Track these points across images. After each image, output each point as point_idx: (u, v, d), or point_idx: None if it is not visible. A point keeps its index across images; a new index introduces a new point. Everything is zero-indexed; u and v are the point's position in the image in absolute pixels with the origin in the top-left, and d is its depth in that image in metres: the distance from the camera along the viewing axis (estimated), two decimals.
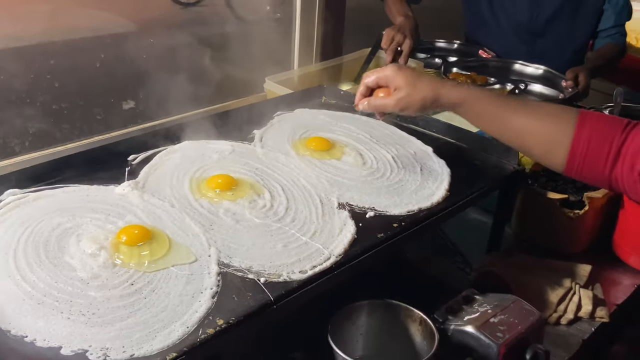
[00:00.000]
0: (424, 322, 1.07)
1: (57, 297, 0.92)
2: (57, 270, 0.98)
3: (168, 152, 1.37)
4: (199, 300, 0.94)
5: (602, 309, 1.33)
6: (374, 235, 1.14)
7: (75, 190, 1.20)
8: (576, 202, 1.49)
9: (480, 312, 1.15)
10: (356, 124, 1.58)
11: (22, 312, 0.89)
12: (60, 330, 0.86)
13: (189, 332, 0.88)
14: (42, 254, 1.01)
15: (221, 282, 0.98)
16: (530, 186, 1.52)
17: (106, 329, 0.87)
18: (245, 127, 1.53)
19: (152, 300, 0.94)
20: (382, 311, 1.11)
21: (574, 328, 1.31)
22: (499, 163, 1.44)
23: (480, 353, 1.09)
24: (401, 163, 1.40)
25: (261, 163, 1.35)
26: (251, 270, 1.01)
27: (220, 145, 1.41)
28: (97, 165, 1.29)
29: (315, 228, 1.14)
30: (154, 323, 0.89)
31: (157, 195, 1.20)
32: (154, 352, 0.84)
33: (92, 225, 1.08)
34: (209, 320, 0.91)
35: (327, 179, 1.30)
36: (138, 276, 0.98)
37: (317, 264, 1.04)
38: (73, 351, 0.83)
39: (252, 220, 1.15)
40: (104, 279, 0.97)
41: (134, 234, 1.05)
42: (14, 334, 0.86)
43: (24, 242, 1.03)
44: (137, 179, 1.25)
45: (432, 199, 1.27)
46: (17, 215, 1.10)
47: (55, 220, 1.09)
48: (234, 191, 1.22)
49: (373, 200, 1.25)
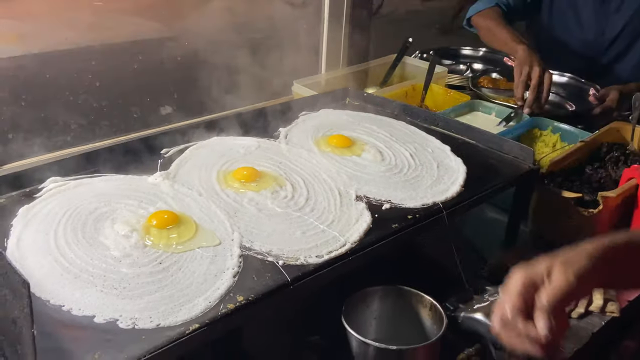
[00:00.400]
0: (434, 308, 1.11)
1: (91, 273, 0.99)
2: (92, 249, 1.05)
3: (198, 146, 1.43)
4: (221, 278, 1.00)
5: (612, 304, 1.34)
6: (389, 225, 1.19)
7: (111, 180, 1.28)
8: (591, 201, 1.50)
9: (490, 301, 1.17)
10: (377, 124, 1.63)
11: (60, 284, 0.96)
12: (94, 301, 0.93)
13: (210, 306, 0.94)
14: (79, 235, 1.08)
15: (242, 264, 1.04)
16: (546, 185, 1.54)
17: (135, 301, 0.94)
18: (271, 126, 1.59)
19: (178, 278, 1.00)
20: (394, 296, 1.14)
21: (585, 322, 1.32)
22: (514, 162, 1.47)
23: (488, 339, 1.12)
24: (419, 160, 1.44)
25: (285, 158, 1.41)
26: (271, 254, 1.07)
27: (247, 141, 1.48)
28: (132, 158, 1.36)
29: (333, 217, 1.19)
30: (179, 297, 0.95)
31: (187, 185, 1.26)
32: (178, 323, 0.90)
33: (126, 210, 1.16)
34: (230, 296, 0.96)
35: (346, 174, 1.35)
36: (166, 256, 1.04)
37: (333, 249, 1.09)
38: (105, 319, 0.90)
39: (274, 209, 1.20)
40: (135, 257, 1.03)
41: (164, 218, 1.11)
42: (53, 304, 0.93)
43: (63, 224, 1.10)
44: (169, 170, 1.32)
45: (446, 193, 1.31)
46: (58, 200, 1.18)
47: (92, 205, 1.16)
48: (258, 183, 1.27)
49: (390, 194, 1.29)
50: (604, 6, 2.36)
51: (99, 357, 0.83)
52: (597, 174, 1.65)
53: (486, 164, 1.47)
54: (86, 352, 0.84)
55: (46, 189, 1.22)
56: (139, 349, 0.85)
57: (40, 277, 0.97)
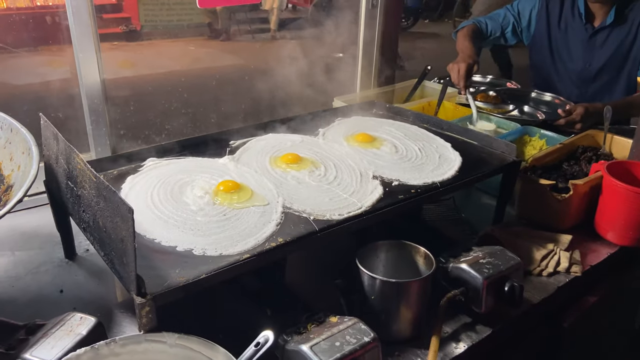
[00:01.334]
0: (427, 256, 1.19)
1: (176, 220, 1.14)
2: (177, 205, 1.20)
3: (258, 139, 1.57)
4: (267, 226, 1.13)
5: (576, 266, 1.40)
6: (396, 196, 1.29)
7: (192, 160, 1.43)
8: (563, 187, 1.55)
9: (473, 256, 1.26)
10: (395, 127, 1.73)
11: (154, 226, 1.11)
12: (177, 237, 1.08)
13: (258, 243, 1.07)
14: (168, 195, 1.23)
15: (284, 218, 1.17)
16: (528, 176, 1.60)
17: (205, 239, 1.08)
18: (314, 127, 1.71)
19: (236, 225, 1.13)
20: (398, 248, 1.23)
21: (553, 279, 1.38)
22: (501, 156, 1.54)
23: (471, 284, 1.20)
24: (425, 152, 1.54)
25: (321, 149, 1.53)
26: (305, 212, 1.19)
27: (294, 137, 1.61)
28: (209, 146, 1.51)
29: (354, 189, 1.30)
30: (236, 236, 1.08)
31: (246, 165, 1.40)
32: (234, 253, 1.04)
33: (202, 180, 1.30)
34: (273, 238, 1.09)
35: (367, 160, 1.46)
36: (229, 211, 1.18)
37: (351, 210, 1.20)
38: (184, 249, 1.04)
39: (310, 183, 1.32)
40: (207, 211, 1.18)
41: (228, 185, 1.25)
42: (148, 238, 1.08)
43: (157, 188, 1.26)
44: (234, 155, 1.46)
45: (444, 175, 1.40)
46: (154, 173, 1.34)
47: (178, 176, 1.32)
48: (299, 164, 1.40)
49: (399, 175, 1.39)
50: (590, 41, 2.36)
51: (179, 272, 0.97)
52: (572, 169, 1.70)
53: (479, 157, 1.55)
54: (170, 269, 0.98)
55: (146, 165, 1.38)
56: (206, 268, 0.99)
57: (140, 220, 1.12)
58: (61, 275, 1.34)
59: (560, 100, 2.36)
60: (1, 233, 1.50)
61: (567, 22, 2.42)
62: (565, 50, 2.46)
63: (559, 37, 2.46)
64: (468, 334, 1.19)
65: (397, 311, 1.13)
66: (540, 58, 2.57)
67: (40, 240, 1.48)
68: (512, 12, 2.57)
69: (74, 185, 1.10)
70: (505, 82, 2.80)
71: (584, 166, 1.70)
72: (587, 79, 2.45)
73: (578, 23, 2.38)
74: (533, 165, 1.66)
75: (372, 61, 2.34)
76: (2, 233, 1.50)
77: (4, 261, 1.39)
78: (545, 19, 2.48)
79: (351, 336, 0.99)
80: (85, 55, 1.62)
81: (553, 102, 2.38)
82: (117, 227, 0.92)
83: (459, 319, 1.24)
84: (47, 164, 1.25)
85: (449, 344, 1.16)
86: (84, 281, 1.33)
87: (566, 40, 2.45)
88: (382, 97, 2.30)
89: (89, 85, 1.67)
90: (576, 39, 2.42)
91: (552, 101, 2.39)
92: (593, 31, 2.33)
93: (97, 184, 0.97)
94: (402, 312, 1.13)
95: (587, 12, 2.34)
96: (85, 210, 1.08)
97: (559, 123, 2.06)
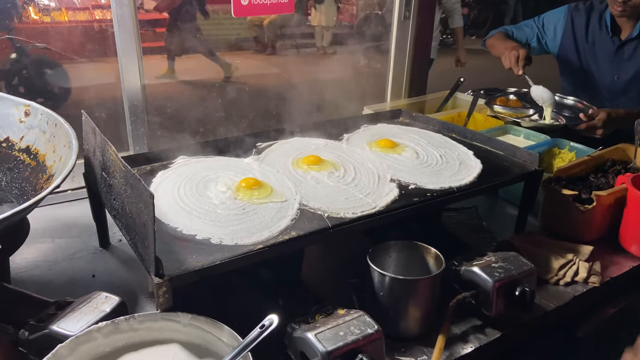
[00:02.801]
0: (438, 257, 1.21)
1: (198, 211, 1.21)
2: (200, 198, 1.27)
3: (283, 142, 1.64)
4: (282, 221, 1.18)
5: (595, 277, 1.38)
6: (411, 198, 1.32)
7: (220, 160, 1.51)
8: (587, 198, 1.53)
9: (485, 260, 1.27)
10: (419, 134, 1.75)
11: (177, 216, 1.19)
12: (197, 227, 1.14)
13: (272, 236, 1.12)
14: (194, 189, 1.31)
15: (299, 214, 1.22)
16: (551, 186, 1.59)
17: (223, 229, 1.14)
18: (339, 132, 1.76)
19: (254, 218, 1.19)
20: (409, 249, 1.25)
21: (570, 288, 1.37)
22: (523, 165, 1.54)
23: (482, 287, 1.21)
24: (445, 159, 1.56)
25: (343, 152, 1.58)
26: (320, 209, 1.23)
27: (318, 141, 1.66)
28: (237, 146, 1.58)
29: (370, 190, 1.34)
30: (252, 229, 1.14)
31: (270, 165, 1.47)
32: (249, 243, 1.09)
33: (226, 177, 1.37)
34: (286, 232, 1.14)
35: (386, 164, 1.50)
36: (248, 205, 1.24)
37: (365, 210, 1.24)
38: (202, 237, 1.11)
39: (328, 183, 1.37)
40: (228, 205, 1.24)
41: (250, 182, 1.32)
42: (171, 226, 1.15)
43: (184, 183, 1.33)
44: (259, 156, 1.53)
45: (462, 181, 1.42)
46: (183, 170, 1.42)
47: (204, 173, 1.39)
48: (320, 166, 1.45)
49: (417, 179, 1.42)
50: (618, 54, 2.32)
51: (196, 257, 1.04)
52: (598, 181, 1.67)
53: (500, 165, 1.55)
54: (188, 255, 1.05)
55: (177, 162, 1.47)
56: (221, 255, 1.05)
57: (166, 211, 1.20)
58: (94, 261, 1.44)
59: (583, 105, 2.31)
60: (44, 222, 1.62)
61: (594, 35, 2.40)
62: (593, 63, 2.44)
63: (587, 50, 2.44)
64: (477, 335, 1.20)
65: (405, 308, 1.16)
66: (570, 70, 2.54)
67: (79, 229, 1.58)
68: (537, 24, 2.56)
69: (107, 175, 1.19)
70: None
71: (611, 179, 1.68)
72: (616, 92, 2.40)
73: (605, 36, 2.35)
74: (558, 176, 1.65)
75: (403, 72, 2.38)
76: (45, 222, 1.62)
77: (45, 247, 1.50)
78: (571, 33, 2.46)
79: (355, 327, 1.02)
80: (127, 60, 1.74)
81: (576, 106, 2.33)
82: (141, 212, 0.99)
83: (469, 321, 1.25)
84: (86, 157, 1.35)
85: (457, 344, 1.18)
86: (115, 268, 1.42)
87: (594, 53, 2.42)
88: (413, 108, 2.32)
89: (130, 88, 1.78)
90: (603, 52, 2.39)
91: (574, 105, 2.34)
92: (620, 44, 2.30)
93: (126, 173, 1.05)
94: (410, 309, 1.16)
95: (614, 25, 2.31)
96: (115, 198, 1.16)
97: (580, 127, 2.02)
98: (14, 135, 1.38)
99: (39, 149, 1.35)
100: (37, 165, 1.34)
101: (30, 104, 1.39)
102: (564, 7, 2.52)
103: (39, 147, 1.35)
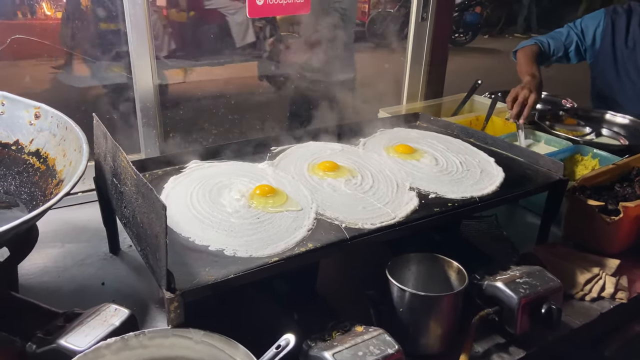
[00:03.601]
0: (460, 271, 1.16)
1: (211, 220, 1.17)
2: (214, 206, 1.22)
3: (298, 146, 1.59)
4: (298, 231, 1.13)
5: (622, 293, 1.32)
6: (432, 209, 1.27)
7: (233, 164, 1.46)
8: (613, 210, 1.47)
9: (509, 274, 1.21)
10: (438, 139, 1.70)
11: (190, 225, 1.14)
12: (210, 237, 1.10)
13: (288, 247, 1.08)
14: (207, 196, 1.26)
15: (315, 224, 1.17)
16: (576, 196, 1.53)
17: (237, 240, 1.10)
18: (355, 137, 1.71)
19: (269, 228, 1.15)
20: (430, 262, 1.20)
21: (597, 304, 1.31)
22: (547, 173, 1.48)
23: (506, 303, 1.16)
24: (466, 166, 1.50)
25: (360, 158, 1.53)
26: (337, 219, 1.19)
27: (334, 145, 1.61)
28: (250, 150, 1.54)
29: (389, 200, 1.29)
30: (267, 239, 1.10)
31: (284, 171, 1.42)
32: (264, 255, 1.05)
33: (240, 184, 1.33)
34: (303, 243, 1.09)
35: (405, 171, 1.45)
36: (263, 214, 1.20)
37: (384, 220, 1.19)
38: (216, 248, 1.07)
39: (345, 191, 1.32)
40: (242, 213, 1.20)
41: (265, 189, 1.27)
42: (183, 236, 1.11)
43: (197, 189, 1.29)
44: (274, 161, 1.48)
45: (484, 191, 1.36)
46: (196, 174, 1.38)
47: (218, 179, 1.35)
48: (336, 172, 1.40)
49: (437, 187, 1.36)
50: None
51: (209, 270, 0.99)
52: (624, 191, 1.61)
53: (523, 173, 1.49)
54: (201, 267, 1.00)
55: (189, 167, 1.43)
56: (235, 268, 1.00)
57: (178, 219, 1.16)
58: (104, 268, 1.40)
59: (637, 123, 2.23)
60: (54, 226, 1.58)
61: (635, 39, 2.32)
62: (633, 67, 2.36)
63: (626, 55, 2.36)
64: (500, 354, 1.15)
65: (425, 325, 1.11)
66: (605, 76, 2.46)
67: (89, 234, 1.55)
68: (575, 30, 2.47)
69: (118, 182, 1.15)
70: (561, 99, 2.70)
71: (638, 189, 1.61)
72: None
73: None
74: (582, 185, 1.58)
75: (420, 74, 2.32)
76: (55, 226, 1.58)
77: (55, 252, 1.47)
78: (610, 37, 2.38)
79: (375, 347, 0.97)
80: (140, 62, 1.70)
81: (633, 125, 2.25)
82: (152, 223, 0.95)
83: (492, 339, 1.19)
84: (97, 162, 1.31)
85: None
86: (125, 275, 1.38)
87: (634, 58, 2.35)
88: (429, 110, 2.27)
89: (142, 89, 1.74)
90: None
91: (630, 124, 2.26)
92: None
93: (137, 181, 1.01)
94: (430, 326, 1.11)
95: None
96: (126, 206, 1.12)
97: None
98: (23, 138, 1.35)
99: (48, 153, 1.31)
100: (47, 170, 1.30)
101: (40, 106, 1.35)
102: (601, 10, 2.44)
103: (49, 150, 1.32)
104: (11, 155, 1.34)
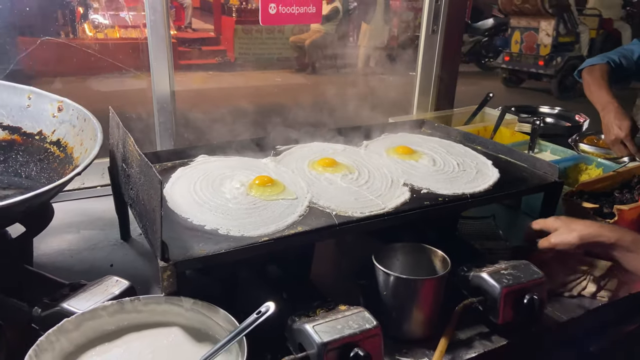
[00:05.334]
0: (444, 259, 1.20)
1: (210, 204, 1.24)
2: (215, 193, 1.30)
3: (302, 146, 1.67)
4: (290, 216, 1.20)
5: (605, 292, 1.33)
6: (422, 202, 1.31)
7: (238, 159, 1.54)
8: (608, 213, 1.49)
9: (495, 267, 1.24)
10: (439, 143, 1.75)
11: (190, 207, 1.23)
12: (207, 218, 1.18)
13: (278, 229, 1.14)
14: (209, 185, 1.34)
15: (308, 211, 1.23)
16: (572, 199, 1.55)
17: (232, 222, 1.17)
18: (359, 139, 1.77)
19: (263, 213, 1.21)
20: (417, 251, 1.24)
21: (587, 301, 1.32)
22: (543, 176, 1.51)
23: (489, 293, 1.19)
24: (462, 167, 1.54)
25: (360, 157, 1.59)
26: (329, 208, 1.25)
27: (337, 146, 1.68)
28: (256, 148, 1.63)
29: (381, 193, 1.34)
30: (260, 222, 1.17)
31: (285, 166, 1.49)
32: (255, 235, 1.11)
33: (242, 175, 1.41)
34: (293, 227, 1.16)
35: (402, 170, 1.50)
36: (259, 201, 1.27)
37: (374, 210, 1.25)
38: (211, 228, 1.14)
39: (340, 185, 1.38)
40: (239, 200, 1.27)
41: (264, 179, 1.34)
42: (182, 216, 1.19)
43: (201, 179, 1.38)
44: (277, 157, 1.56)
45: (476, 188, 1.40)
46: (202, 167, 1.47)
47: (222, 171, 1.43)
48: (334, 168, 1.46)
49: (430, 184, 1.41)
50: None
51: (202, 245, 1.07)
52: (623, 197, 1.62)
53: (519, 175, 1.53)
54: (195, 243, 1.08)
55: (197, 160, 1.52)
56: (227, 245, 1.07)
57: (180, 203, 1.24)
58: (114, 252, 1.49)
59: None
60: (73, 215, 1.69)
61: None
62: None
63: None
64: (482, 342, 1.18)
65: (408, 309, 1.15)
66: None
67: (103, 222, 1.65)
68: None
69: (126, 166, 1.24)
70: (574, 114, 2.71)
71: (637, 195, 1.62)
72: None
73: None
74: (580, 189, 1.61)
75: (430, 85, 2.38)
76: (73, 215, 1.69)
77: (71, 237, 1.57)
78: None
79: (354, 322, 1.02)
80: (158, 65, 1.82)
81: None
82: (151, 198, 1.03)
83: (475, 327, 1.22)
84: (111, 151, 1.42)
85: (461, 349, 1.15)
86: (133, 259, 1.47)
87: None
88: (440, 121, 2.30)
89: (159, 93, 1.86)
90: None
91: None
92: None
93: (140, 161, 1.10)
94: (413, 310, 1.15)
95: None
96: (132, 187, 1.21)
97: None
98: (46, 128, 1.46)
99: (68, 142, 1.42)
100: (65, 157, 1.41)
101: (63, 100, 1.47)
102: None
103: (68, 140, 1.43)
104: (34, 144, 1.46)
